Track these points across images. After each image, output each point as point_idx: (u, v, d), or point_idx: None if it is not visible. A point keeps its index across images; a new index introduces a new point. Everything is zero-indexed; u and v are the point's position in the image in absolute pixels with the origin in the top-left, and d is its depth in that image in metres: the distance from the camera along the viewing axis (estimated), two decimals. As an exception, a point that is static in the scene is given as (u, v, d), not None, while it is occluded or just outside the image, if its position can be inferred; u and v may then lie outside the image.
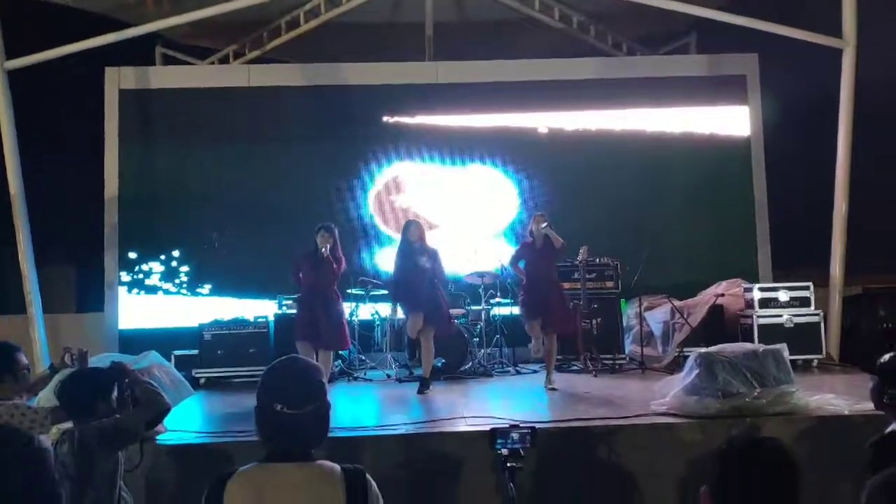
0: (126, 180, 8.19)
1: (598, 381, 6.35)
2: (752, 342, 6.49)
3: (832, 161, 7.36)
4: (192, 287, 8.18)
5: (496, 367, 7.15)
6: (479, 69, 8.56)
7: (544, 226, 5.92)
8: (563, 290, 6.28)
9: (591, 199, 8.23)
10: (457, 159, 8.55)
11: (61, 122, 8.17)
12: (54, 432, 2.89)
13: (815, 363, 6.79)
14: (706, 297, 7.30)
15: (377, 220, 8.43)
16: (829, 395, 4.56)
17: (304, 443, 1.81)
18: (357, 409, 5.43)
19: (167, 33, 8.60)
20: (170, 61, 9.14)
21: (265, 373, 1.88)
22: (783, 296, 6.97)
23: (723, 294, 7.26)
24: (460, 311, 7.09)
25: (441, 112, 8.54)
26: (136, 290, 8.15)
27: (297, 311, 6.03)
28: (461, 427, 4.34)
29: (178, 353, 6.88)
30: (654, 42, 9.48)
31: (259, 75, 8.57)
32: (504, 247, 8.05)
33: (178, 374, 4.52)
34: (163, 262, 8.19)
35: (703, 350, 4.70)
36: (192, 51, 9.30)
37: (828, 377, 6.28)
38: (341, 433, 4.18)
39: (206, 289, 8.18)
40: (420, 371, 6.15)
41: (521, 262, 6.17)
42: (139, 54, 8.55)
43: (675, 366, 6.62)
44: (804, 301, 6.96)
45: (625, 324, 7.42)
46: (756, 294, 7.01)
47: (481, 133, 8.56)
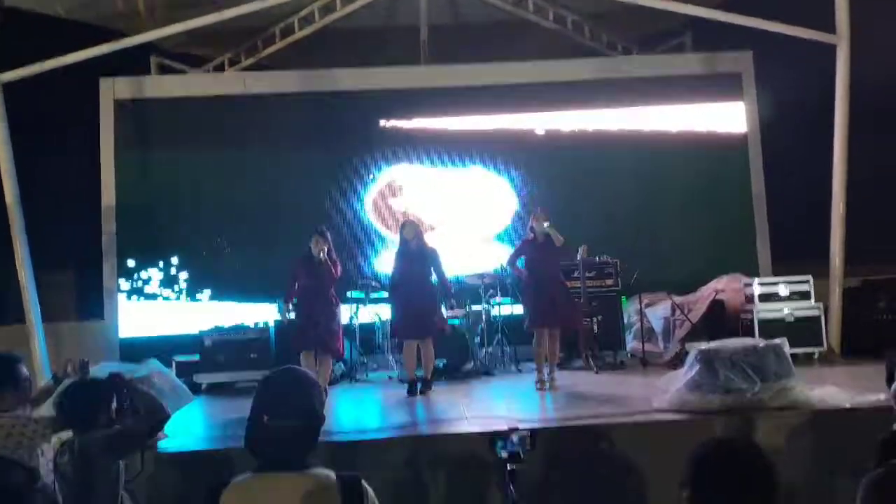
0: (123, 188, 8.22)
1: (599, 378, 6.36)
2: (752, 337, 6.48)
3: (829, 155, 7.35)
4: (191, 293, 8.19)
5: (497, 366, 7.15)
6: (475, 72, 8.57)
7: (546, 225, 5.91)
8: (567, 287, 6.26)
9: (590, 198, 8.24)
10: (454, 161, 8.57)
11: (58, 130, 8.17)
12: (55, 442, 2.90)
13: (816, 356, 6.77)
14: (706, 292, 7.31)
15: (376, 224, 8.44)
16: (831, 389, 4.55)
17: (284, 455, 1.79)
18: (359, 412, 5.44)
19: (162, 42, 8.61)
20: (165, 70, 9.15)
21: (259, 383, 1.89)
22: (783, 290, 6.96)
23: (723, 289, 7.26)
24: (460, 312, 7.09)
25: (437, 115, 8.56)
26: (135, 297, 8.16)
27: (296, 319, 5.95)
28: (463, 428, 4.33)
29: (179, 358, 6.90)
30: (649, 41, 9.49)
31: (254, 82, 8.60)
32: (502, 248, 8.06)
33: (177, 381, 4.51)
34: (161, 269, 8.20)
35: (703, 346, 4.69)
36: (187, 59, 9.31)
37: (829, 370, 6.26)
38: (343, 436, 4.18)
39: (206, 294, 8.20)
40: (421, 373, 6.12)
41: (521, 261, 6.14)
42: (134, 63, 8.56)
43: (677, 362, 6.59)
44: (804, 294, 6.95)
45: (626, 321, 7.42)
46: (756, 289, 7.01)
47: (478, 135, 8.57)
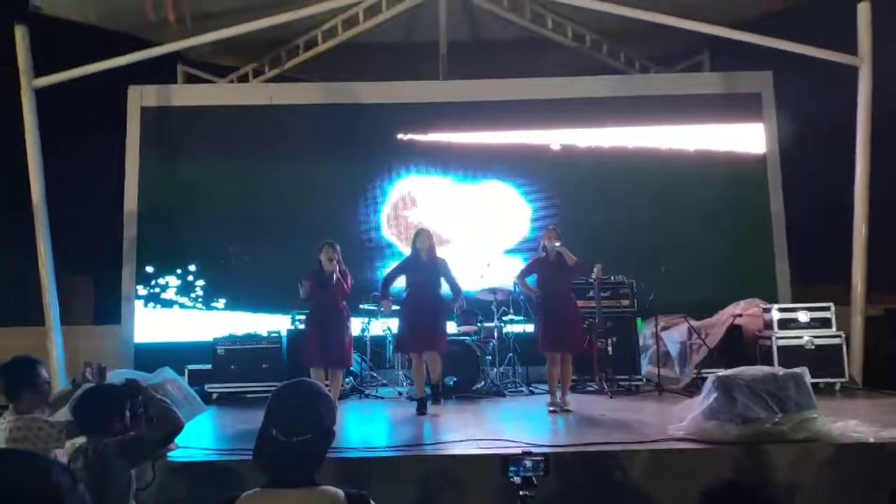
0: (145, 195, 8.31)
1: (613, 402, 6.26)
2: (771, 364, 6.39)
3: (850, 178, 7.27)
4: (207, 301, 8.23)
5: (509, 386, 7.08)
6: (492, 87, 8.60)
7: (558, 245, 5.87)
8: (577, 308, 6.21)
9: (606, 216, 8.19)
10: (470, 176, 8.57)
11: (84, 136, 8.30)
12: (69, 447, 2.90)
13: (838, 387, 6.64)
14: (724, 317, 7.20)
15: (391, 236, 8.45)
16: (853, 422, 4.44)
17: (292, 470, 1.78)
18: (368, 429, 5.39)
19: (189, 52, 8.75)
20: (191, 79, 9.29)
21: (271, 396, 1.87)
22: (803, 316, 6.85)
23: (741, 314, 7.16)
24: (472, 329, 7.04)
25: (454, 130, 8.58)
26: (152, 304, 8.22)
27: (307, 333, 5.91)
28: (473, 450, 4.28)
29: (191, 367, 6.91)
30: (667, 60, 9.48)
31: (278, 93, 8.69)
32: (516, 263, 8.02)
33: (190, 391, 4.51)
34: (179, 277, 8.26)
35: (721, 373, 4.61)
36: (212, 69, 9.46)
37: (850, 402, 6.13)
38: (351, 454, 4.15)
39: (221, 303, 8.23)
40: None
41: (532, 278, 6.08)
42: (161, 72, 8.70)
43: (693, 388, 6.52)
44: (825, 322, 6.83)
45: (641, 343, 7.32)
46: (775, 314, 6.90)
47: (494, 150, 8.57)
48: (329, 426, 1.86)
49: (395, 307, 6.52)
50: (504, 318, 7.17)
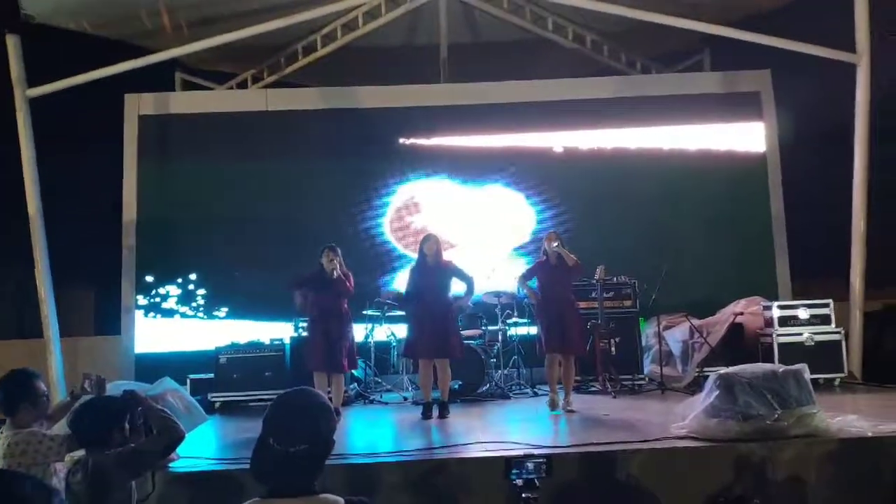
0: (144, 204, 8.30)
1: (617, 402, 6.27)
2: (772, 361, 6.39)
3: (849, 175, 7.27)
4: (208, 310, 8.23)
5: (513, 388, 7.08)
6: (494, 90, 8.61)
7: (556, 245, 5.87)
8: (579, 311, 6.21)
9: (608, 217, 8.21)
10: (473, 179, 8.57)
11: (81, 145, 8.31)
12: (68, 461, 2.90)
13: (838, 382, 6.65)
14: (725, 315, 7.21)
15: (394, 241, 8.45)
16: (852, 417, 4.45)
17: (288, 480, 1.77)
18: (372, 434, 5.40)
19: (186, 59, 8.75)
20: (189, 86, 9.30)
21: (270, 405, 1.88)
22: (803, 313, 6.86)
23: (742, 312, 7.16)
24: (477, 332, 7.04)
25: (456, 133, 8.58)
26: (152, 314, 8.22)
27: (309, 335, 5.93)
28: (477, 453, 4.28)
29: (193, 376, 6.90)
30: (667, 60, 9.48)
31: (277, 99, 8.69)
32: (521, 266, 8.01)
33: (192, 400, 4.51)
34: (180, 286, 8.25)
35: (722, 371, 4.61)
36: (210, 76, 9.46)
37: (850, 397, 6.14)
38: (356, 459, 4.15)
39: (223, 312, 8.23)
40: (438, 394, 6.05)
41: (533, 281, 6.09)
42: (158, 79, 8.70)
43: (696, 386, 6.51)
44: (824, 319, 6.84)
45: (643, 343, 7.33)
46: (775, 312, 6.91)
47: (497, 153, 8.58)
48: (327, 437, 1.86)
49: (401, 312, 6.55)
50: (508, 320, 7.17)
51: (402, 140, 8.58)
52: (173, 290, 8.25)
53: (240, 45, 7.90)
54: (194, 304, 8.25)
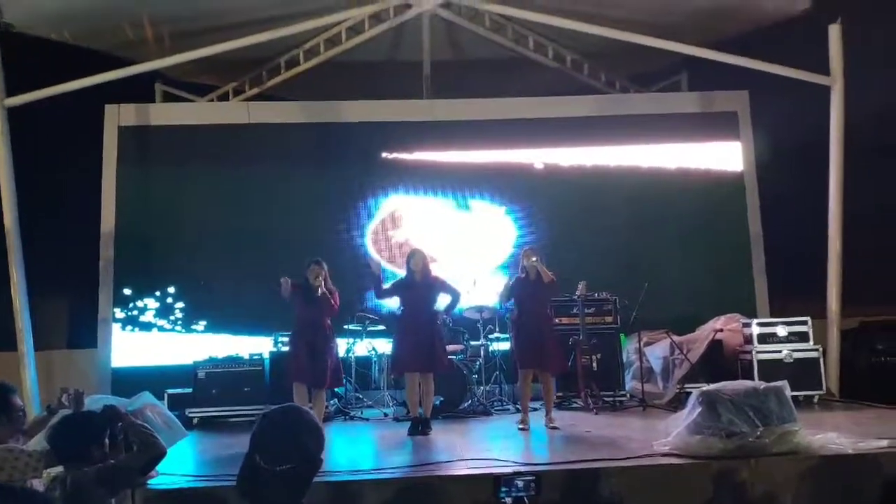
0: (123, 216, 8.18)
1: (598, 418, 6.27)
2: (751, 378, 6.45)
3: (824, 195, 7.43)
4: (186, 324, 8.10)
5: (496, 404, 7.06)
6: (476, 106, 8.67)
7: (534, 259, 5.89)
8: (555, 328, 6.20)
9: (588, 234, 8.27)
10: (454, 194, 8.60)
11: (58, 156, 8.18)
12: (45, 477, 2.82)
13: (816, 399, 6.73)
14: (705, 332, 7.28)
15: (375, 255, 8.42)
16: (832, 434, 4.50)
17: (274, 498, 1.74)
18: (354, 451, 5.32)
19: (167, 71, 8.68)
20: (170, 98, 9.21)
21: (257, 422, 1.84)
22: (781, 331, 6.96)
23: (721, 329, 7.24)
24: (458, 347, 7.02)
25: (439, 148, 8.62)
26: (129, 327, 8.07)
27: (291, 348, 5.89)
28: (462, 470, 4.24)
29: (171, 391, 6.78)
30: (646, 80, 9.64)
31: (258, 112, 8.66)
32: (502, 281, 8.02)
33: (171, 415, 4.42)
34: (158, 299, 8.13)
35: (705, 388, 4.64)
36: (191, 88, 9.38)
37: (829, 414, 6.21)
38: (337, 477, 4.09)
39: (202, 325, 8.11)
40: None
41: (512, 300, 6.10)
42: (139, 91, 8.61)
43: (677, 402, 6.56)
44: (803, 336, 6.94)
45: (625, 359, 7.36)
46: (755, 329, 7.00)
47: (478, 169, 8.63)
48: (315, 455, 1.83)
49: (382, 327, 6.48)
50: (490, 336, 7.16)
51: (384, 154, 8.59)
52: (151, 302, 8.12)
53: (222, 57, 7.86)
54: (172, 318, 8.12)
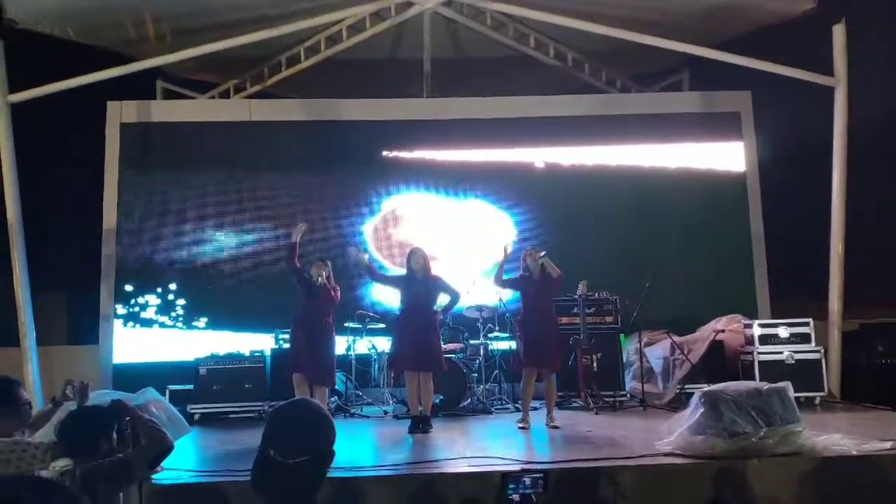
0: (124, 212, 8.18)
1: (599, 418, 6.28)
2: (752, 379, 6.46)
3: (827, 196, 7.43)
4: (188, 320, 8.10)
5: (495, 403, 7.06)
6: (477, 105, 8.66)
7: (542, 255, 5.89)
8: (557, 326, 6.22)
9: (589, 233, 8.26)
10: (455, 193, 8.59)
11: (61, 152, 8.18)
12: (53, 470, 2.82)
13: (818, 401, 6.73)
14: (706, 332, 7.28)
15: (375, 253, 8.42)
16: (836, 436, 4.50)
17: (290, 493, 1.75)
18: (354, 448, 5.32)
19: (169, 68, 8.68)
20: (170, 95, 9.21)
21: (269, 416, 1.86)
22: (783, 332, 6.96)
23: (723, 330, 7.24)
24: (458, 346, 7.02)
25: (439, 147, 8.61)
26: (131, 324, 8.06)
27: (292, 341, 5.96)
28: (463, 468, 4.25)
29: (172, 387, 6.79)
30: (647, 79, 9.64)
31: (259, 110, 8.64)
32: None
33: (174, 411, 4.43)
34: (159, 295, 8.12)
35: (707, 388, 4.65)
36: (192, 85, 9.38)
37: (831, 415, 6.22)
38: (338, 474, 4.09)
39: (203, 322, 8.10)
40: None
41: (515, 295, 6.11)
42: (140, 88, 8.61)
43: (677, 403, 6.58)
44: (804, 337, 6.93)
45: (625, 359, 7.36)
46: (756, 330, 7.00)
47: (479, 168, 8.62)
48: (328, 448, 1.84)
49: (382, 325, 6.47)
50: (490, 335, 7.16)
51: (384, 153, 8.58)
52: (152, 299, 8.11)
53: (223, 55, 7.86)
54: (174, 314, 8.11)
